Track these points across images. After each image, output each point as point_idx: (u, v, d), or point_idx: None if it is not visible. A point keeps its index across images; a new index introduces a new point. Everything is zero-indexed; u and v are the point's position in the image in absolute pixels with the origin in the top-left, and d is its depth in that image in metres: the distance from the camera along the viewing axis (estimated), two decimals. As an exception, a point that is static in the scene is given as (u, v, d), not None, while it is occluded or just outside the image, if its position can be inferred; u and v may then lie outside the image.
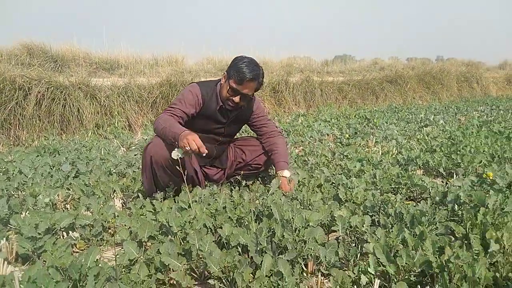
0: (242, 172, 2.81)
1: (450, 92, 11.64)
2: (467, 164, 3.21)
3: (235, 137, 3.03)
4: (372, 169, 3.09)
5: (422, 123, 6.32)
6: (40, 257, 1.87)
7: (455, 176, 3.09)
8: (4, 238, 1.95)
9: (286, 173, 2.67)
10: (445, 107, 8.97)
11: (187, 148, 2.14)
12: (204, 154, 2.20)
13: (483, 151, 3.63)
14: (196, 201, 2.23)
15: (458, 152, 3.58)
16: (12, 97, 5.06)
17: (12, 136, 5.01)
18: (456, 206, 2.16)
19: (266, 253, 1.64)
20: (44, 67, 7.09)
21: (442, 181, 3.11)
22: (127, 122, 5.90)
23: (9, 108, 4.98)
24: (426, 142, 4.38)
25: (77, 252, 2.05)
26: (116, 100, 5.88)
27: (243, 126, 3.06)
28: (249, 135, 3.09)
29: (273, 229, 1.80)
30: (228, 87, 2.50)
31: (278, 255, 1.66)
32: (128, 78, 6.61)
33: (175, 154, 2.21)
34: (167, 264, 1.61)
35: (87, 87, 5.78)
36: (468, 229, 1.81)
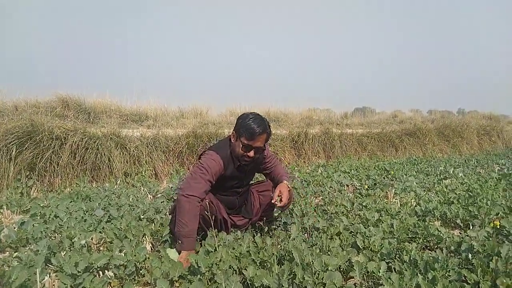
0: (264, 219, 2.97)
1: (471, 145, 11.66)
2: (484, 216, 3.28)
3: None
4: (390, 219, 3.19)
5: (441, 176, 6.36)
6: (79, 294, 2.04)
7: (471, 227, 3.16)
8: (48, 275, 2.13)
9: (286, 180, 2.87)
10: (465, 160, 8.98)
11: None
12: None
13: (500, 203, 3.69)
14: (221, 245, 2.39)
15: (475, 204, 3.65)
16: (49, 147, 5.43)
17: (46, 182, 5.32)
18: (470, 255, 2.25)
19: (287, 293, 1.77)
20: (78, 118, 7.60)
21: (459, 233, 3.18)
22: (153, 171, 6.19)
23: (46, 156, 5.33)
24: (443, 194, 4.45)
25: (111, 290, 2.20)
26: (144, 150, 6.21)
27: None
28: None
29: (294, 271, 1.93)
30: (241, 145, 2.67)
31: (298, 296, 1.79)
32: (156, 129, 6.99)
33: (172, 255, 2.45)
34: (196, 301, 1.76)
35: (118, 137, 6.15)
36: (480, 276, 1.90)
